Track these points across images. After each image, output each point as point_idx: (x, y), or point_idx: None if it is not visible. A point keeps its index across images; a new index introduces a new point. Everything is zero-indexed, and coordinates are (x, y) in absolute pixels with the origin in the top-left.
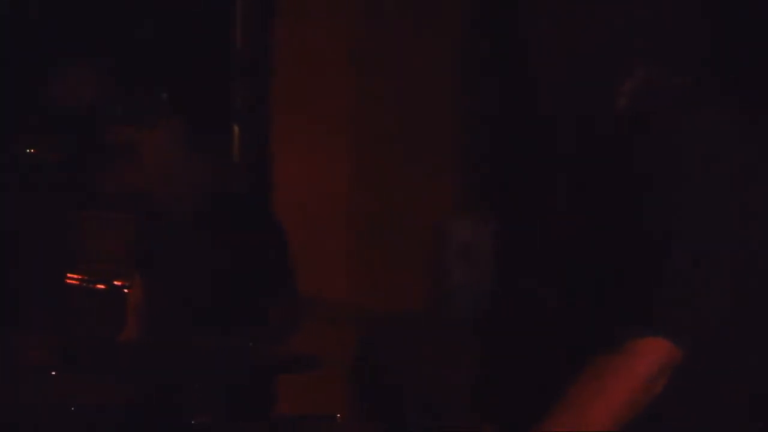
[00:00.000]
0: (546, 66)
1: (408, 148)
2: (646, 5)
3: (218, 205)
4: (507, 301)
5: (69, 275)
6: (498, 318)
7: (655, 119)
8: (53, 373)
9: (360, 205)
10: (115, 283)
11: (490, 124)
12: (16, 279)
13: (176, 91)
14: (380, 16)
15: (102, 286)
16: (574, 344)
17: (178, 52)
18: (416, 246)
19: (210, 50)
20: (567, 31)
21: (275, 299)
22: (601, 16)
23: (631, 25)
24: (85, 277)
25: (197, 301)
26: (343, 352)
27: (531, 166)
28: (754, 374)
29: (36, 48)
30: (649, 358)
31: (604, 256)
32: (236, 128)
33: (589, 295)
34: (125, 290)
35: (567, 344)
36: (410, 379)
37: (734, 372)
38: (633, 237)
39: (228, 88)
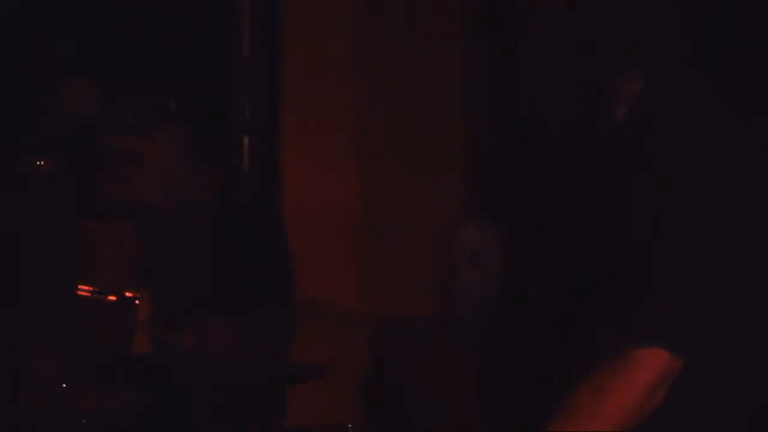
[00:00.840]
0: (550, 72)
1: (416, 154)
2: (642, 10)
3: (224, 213)
4: (515, 306)
5: (80, 287)
6: (506, 323)
7: (655, 126)
8: (64, 384)
9: (368, 212)
10: (126, 294)
11: (498, 131)
12: (25, 290)
13: (181, 101)
14: (388, 25)
15: (112, 298)
16: (578, 350)
17: (185, 61)
18: (425, 252)
19: (217, 59)
20: (569, 36)
21: (278, 307)
22: (599, 21)
23: (627, 30)
24: (96, 289)
25: (202, 307)
26: (353, 359)
27: (538, 172)
28: (756, 379)
29: (39, 59)
30: (649, 368)
31: (606, 263)
32: (245, 137)
33: (592, 302)
34: (136, 302)
35: (571, 350)
36: (419, 384)
37: (735, 377)
38: (634, 245)
39: (236, 97)
